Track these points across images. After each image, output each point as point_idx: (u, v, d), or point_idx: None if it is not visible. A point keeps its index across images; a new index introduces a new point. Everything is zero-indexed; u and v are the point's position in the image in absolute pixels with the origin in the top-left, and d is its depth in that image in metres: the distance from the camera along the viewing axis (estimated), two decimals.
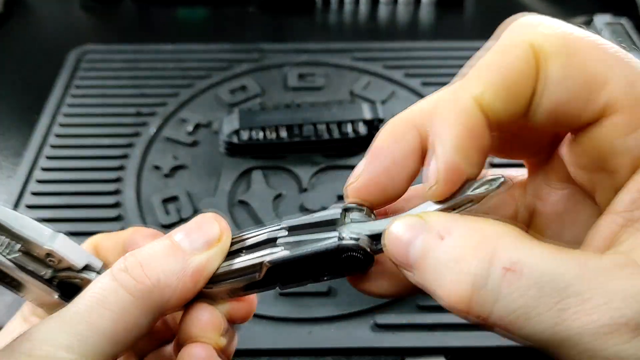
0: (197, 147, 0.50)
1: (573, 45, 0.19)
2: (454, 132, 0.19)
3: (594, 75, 0.18)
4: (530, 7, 0.69)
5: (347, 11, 0.69)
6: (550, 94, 0.19)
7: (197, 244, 0.23)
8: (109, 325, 0.21)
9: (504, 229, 0.18)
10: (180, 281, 0.22)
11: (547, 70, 0.19)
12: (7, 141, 0.52)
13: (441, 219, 0.19)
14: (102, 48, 0.60)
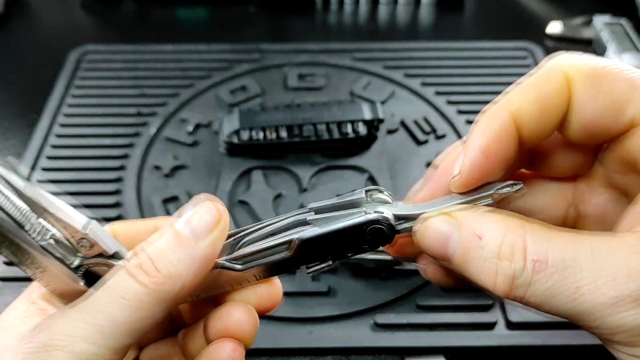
0: (198, 147, 0.51)
1: (600, 72, 0.22)
2: (484, 136, 0.23)
3: (619, 95, 0.22)
4: (531, 8, 0.69)
5: (347, 11, 0.69)
6: (582, 113, 0.22)
7: (199, 230, 0.24)
8: (126, 315, 0.22)
9: (528, 224, 0.21)
10: (189, 270, 0.23)
11: (578, 93, 0.22)
12: (8, 141, 0.52)
13: (472, 218, 0.22)
14: (103, 48, 0.60)
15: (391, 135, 0.52)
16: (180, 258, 0.23)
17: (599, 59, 0.23)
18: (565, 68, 0.23)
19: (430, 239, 0.23)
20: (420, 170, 0.49)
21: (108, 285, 0.23)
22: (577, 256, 0.20)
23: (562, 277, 0.20)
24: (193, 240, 0.23)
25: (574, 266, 0.20)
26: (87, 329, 0.22)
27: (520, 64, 0.59)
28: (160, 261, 0.23)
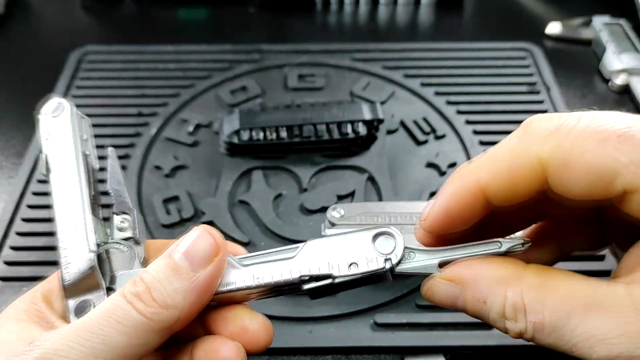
0: (198, 147, 0.51)
1: (577, 152, 0.21)
2: (449, 199, 0.24)
3: (603, 170, 0.21)
4: (530, 8, 0.69)
5: (347, 12, 0.69)
6: (562, 194, 0.22)
7: (197, 261, 0.24)
8: (120, 341, 0.22)
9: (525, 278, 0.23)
10: (186, 300, 0.24)
11: (555, 181, 0.22)
12: (9, 141, 0.53)
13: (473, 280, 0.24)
14: (103, 49, 0.61)
15: (391, 135, 0.52)
16: (177, 289, 0.23)
17: (574, 123, 0.22)
18: (539, 152, 0.22)
19: (438, 298, 0.25)
20: (420, 170, 0.49)
21: (106, 309, 0.23)
22: (571, 314, 0.21)
23: (558, 336, 0.21)
24: (191, 271, 0.24)
25: (569, 324, 0.21)
26: (81, 350, 0.22)
27: (519, 65, 0.59)
28: (157, 291, 0.23)
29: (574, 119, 0.22)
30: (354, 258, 0.25)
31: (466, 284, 0.24)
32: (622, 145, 0.21)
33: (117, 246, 0.27)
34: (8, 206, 0.45)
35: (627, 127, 0.21)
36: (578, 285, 0.22)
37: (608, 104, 0.56)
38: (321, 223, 0.41)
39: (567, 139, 0.21)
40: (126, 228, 0.27)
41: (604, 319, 0.20)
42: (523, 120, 0.58)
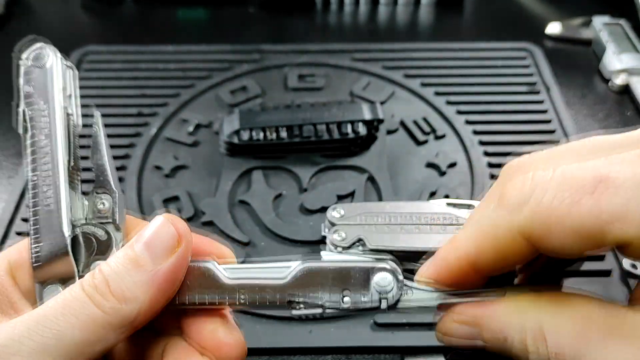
0: (198, 147, 0.51)
1: (555, 218, 0.20)
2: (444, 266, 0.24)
3: (589, 231, 0.20)
4: (530, 8, 0.70)
5: (347, 12, 0.69)
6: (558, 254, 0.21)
7: (158, 253, 0.23)
8: (76, 336, 0.21)
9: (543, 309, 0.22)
10: (147, 294, 0.22)
11: (543, 244, 0.21)
12: (9, 141, 0.53)
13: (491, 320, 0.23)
14: (103, 49, 0.61)
15: (391, 135, 0.52)
16: (136, 281, 0.22)
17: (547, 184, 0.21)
18: (519, 225, 0.21)
19: (457, 342, 0.24)
20: (420, 170, 0.49)
21: (62, 301, 0.22)
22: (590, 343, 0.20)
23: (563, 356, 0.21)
24: (151, 262, 0.23)
25: (588, 355, 0.20)
26: (31, 346, 0.21)
27: (519, 65, 0.59)
28: (115, 284, 0.22)
29: (546, 178, 0.21)
30: (347, 291, 0.24)
31: (482, 325, 0.23)
32: (601, 198, 0.20)
33: (95, 230, 0.24)
34: (8, 206, 0.45)
35: (602, 174, 0.20)
36: (595, 311, 0.21)
37: (608, 104, 0.56)
38: (321, 223, 0.41)
39: (543, 205, 0.20)
40: (106, 210, 0.25)
41: (625, 348, 0.20)
42: (523, 121, 0.58)
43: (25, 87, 0.24)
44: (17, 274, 0.25)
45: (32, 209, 0.23)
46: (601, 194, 0.19)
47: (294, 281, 0.24)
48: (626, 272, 0.40)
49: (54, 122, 0.24)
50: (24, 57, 0.25)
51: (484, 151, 0.49)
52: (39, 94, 0.24)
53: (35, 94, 0.24)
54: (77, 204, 0.24)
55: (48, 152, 0.24)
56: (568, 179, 0.20)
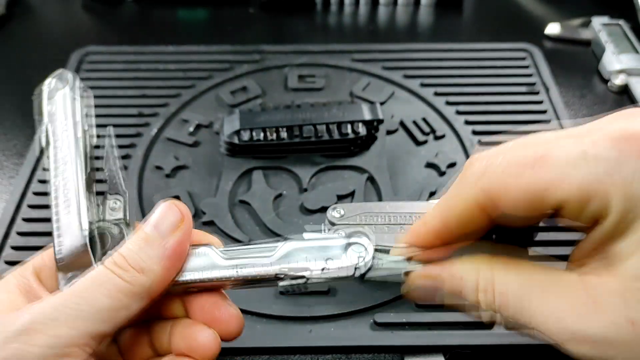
0: (199, 147, 0.51)
1: (503, 188, 0.24)
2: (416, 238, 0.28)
3: (531, 196, 0.23)
4: (530, 9, 0.70)
5: (347, 13, 0.69)
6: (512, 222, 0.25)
7: (165, 229, 0.27)
8: (105, 303, 0.25)
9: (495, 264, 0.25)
10: (159, 265, 0.26)
11: (497, 213, 0.25)
12: (9, 141, 0.53)
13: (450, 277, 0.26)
14: (104, 49, 0.61)
15: (391, 135, 0.52)
16: (150, 255, 0.26)
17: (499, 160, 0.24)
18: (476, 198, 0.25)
19: (420, 293, 0.28)
20: (420, 170, 0.49)
21: (90, 277, 0.26)
22: (531, 294, 0.24)
23: (521, 314, 0.24)
24: (160, 238, 0.27)
25: (529, 304, 0.24)
26: (68, 314, 0.24)
27: (519, 65, 0.59)
28: (132, 259, 0.26)
29: (499, 156, 0.25)
30: (327, 263, 0.28)
31: (444, 278, 0.26)
32: (540, 171, 0.23)
33: (109, 226, 0.28)
34: (9, 206, 0.45)
35: (544, 149, 0.24)
36: (537, 271, 0.25)
37: (607, 104, 0.56)
38: (321, 223, 0.41)
39: (494, 178, 0.24)
40: (118, 209, 0.29)
41: (560, 300, 0.23)
42: (522, 121, 0.58)
43: (49, 107, 0.28)
44: (41, 275, 0.28)
45: (54, 210, 0.27)
46: (540, 168, 0.23)
47: (281, 257, 0.28)
48: None
49: (73, 136, 0.28)
50: (47, 82, 0.30)
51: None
52: (60, 112, 0.28)
53: (57, 113, 0.28)
54: (93, 205, 0.28)
55: (68, 161, 0.28)
56: (515, 157, 0.24)
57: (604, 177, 0.22)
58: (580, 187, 0.23)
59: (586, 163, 0.23)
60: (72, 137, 0.28)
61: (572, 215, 0.23)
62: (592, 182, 0.22)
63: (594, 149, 0.23)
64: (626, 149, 0.22)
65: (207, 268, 0.28)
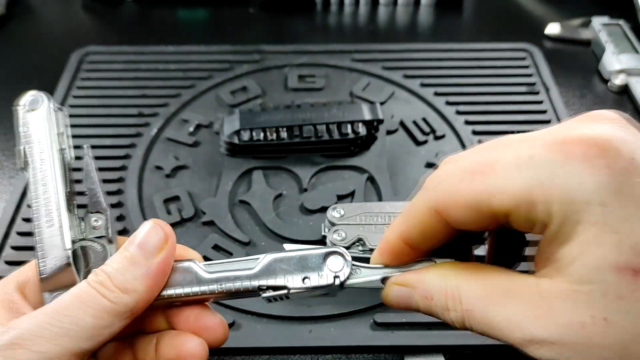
0: (199, 147, 0.51)
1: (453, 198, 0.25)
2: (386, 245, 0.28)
3: (477, 206, 0.24)
4: (530, 9, 0.70)
5: (347, 13, 0.69)
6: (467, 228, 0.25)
7: (149, 250, 0.27)
8: (89, 322, 0.25)
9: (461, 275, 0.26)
10: (143, 285, 0.27)
11: (452, 221, 0.25)
12: (9, 141, 0.53)
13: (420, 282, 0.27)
14: (104, 49, 0.61)
15: (390, 135, 0.52)
16: (134, 275, 0.27)
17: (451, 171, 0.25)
18: (433, 206, 0.25)
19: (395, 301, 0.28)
20: (420, 170, 0.49)
21: (74, 294, 0.26)
22: (493, 302, 0.24)
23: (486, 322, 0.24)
24: (145, 259, 0.27)
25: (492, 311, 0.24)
26: (52, 331, 0.25)
27: (519, 65, 0.59)
28: (117, 279, 0.26)
29: (455, 163, 0.26)
30: (307, 273, 0.28)
31: (415, 286, 0.27)
32: (488, 177, 0.24)
33: (91, 244, 0.29)
34: (9, 206, 0.45)
35: (495, 155, 0.24)
36: (500, 277, 0.25)
37: (607, 104, 0.56)
38: (321, 223, 0.41)
39: (448, 185, 0.25)
40: (100, 227, 0.29)
41: (518, 306, 0.23)
42: (522, 121, 0.59)
43: (23, 129, 0.28)
44: (25, 290, 0.29)
45: (37, 230, 0.27)
46: (488, 174, 0.24)
47: (262, 269, 0.28)
48: None
49: (50, 156, 0.28)
50: (20, 104, 0.29)
51: None
52: (35, 134, 0.28)
53: (32, 134, 0.28)
54: (74, 223, 0.29)
55: (48, 182, 0.28)
56: (467, 164, 0.25)
57: (546, 182, 0.22)
58: (524, 194, 0.23)
59: (531, 168, 0.23)
60: (49, 157, 0.28)
61: (520, 222, 0.23)
62: (534, 187, 0.22)
63: (540, 153, 0.23)
64: (568, 153, 0.22)
65: (191, 283, 0.28)
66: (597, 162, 0.22)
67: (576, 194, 0.22)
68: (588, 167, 0.22)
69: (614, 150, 0.22)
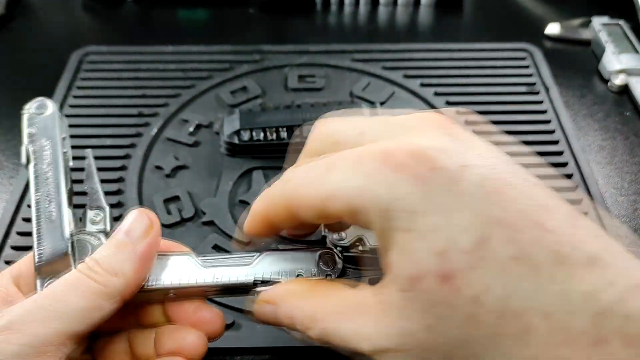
0: (199, 147, 0.51)
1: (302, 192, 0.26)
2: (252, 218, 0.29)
3: (318, 203, 0.25)
4: (530, 9, 0.70)
5: (347, 13, 0.69)
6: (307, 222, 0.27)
7: (135, 235, 0.29)
8: (80, 304, 0.26)
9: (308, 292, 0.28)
10: (130, 268, 0.28)
11: (295, 212, 0.26)
12: (9, 141, 0.53)
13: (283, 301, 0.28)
14: (104, 49, 0.61)
15: None
16: (122, 259, 0.28)
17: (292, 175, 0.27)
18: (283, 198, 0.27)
19: (263, 319, 0.29)
20: None
21: (65, 280, 0.27)
22: (343, 317, 0.25)
23: (341, 338, 0.25)
24: (131, 244, 0.28)
25: (343, 327, 0.25)
26: (44, 314, 0.25)
27: (518, 65, 0.59)
28: (105, 263, 0.27)
29: (305, 167, 0.26)
30: (301, 270, 0.29)
31: (279, 304, 0.27)
32: (325, 179, 0.25)
33: (89, 237, 0.30)
34: (9, 206, 0.45)
35: (336, 158, 0.25)
36: (348, 293, 0.26)
37: (607, 104, 0.56)
38: None
39: (296, 182, 0.26)
40: (99, 222, 0.31)
41: (364, 318, 0.24)
42: (522, 121, 0.59)
43: (29, 129, 0.31)
44: (20, 283, 0.29)
45: (36, 220, 0.29)
46: (326, 178, 0.25)
47: (257, 265, 0.30)
48: None
49: (54, 155, 0.31)
50: (27, 107, 0.32)
51: None
52: (41, 134, 0.31)
53: (38, 134, 0.31)
54: (73, 218, 0.30)
55: (50, 177, 0.30)
56: (312, 166, 0.26)
57: (365, 191, 0.23)
58: (348, 202, 0.24)
59: (356, 177, 0.24)
60: (52, 156, 0.31)
61: (360, 225, 0.25)
62: (356, 196, 0.23)
63: (365, 162, 0.24)
64: (386, 163, 0.23)
65: (186, 275, 0.29)
66: (409, 171, 0.22)
67: (390, 203, 0.22)
68: (401, 177, 0.22)
69: (428, 161, 0.22)
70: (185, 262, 0.30)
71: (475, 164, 0.23)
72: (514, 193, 0.22)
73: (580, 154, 0.50)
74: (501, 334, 0.21)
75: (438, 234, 0.22)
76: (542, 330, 0.20)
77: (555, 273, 0.20)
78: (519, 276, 0.21)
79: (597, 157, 0.51)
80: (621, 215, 0.46)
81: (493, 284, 0.21)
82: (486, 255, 0.21)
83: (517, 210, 0.22)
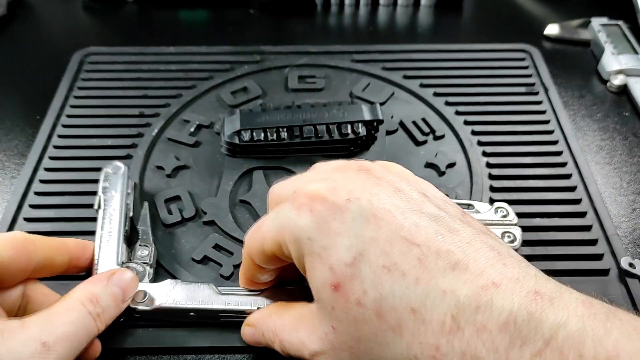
0: (199, 147, 0.51)
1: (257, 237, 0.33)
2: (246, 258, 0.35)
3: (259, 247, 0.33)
4: (529, 10, 0.70)
5: (347, 14, 0.70)
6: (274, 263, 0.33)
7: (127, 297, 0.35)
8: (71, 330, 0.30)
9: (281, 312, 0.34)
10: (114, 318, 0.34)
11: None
12: (11, 142, 0.53)
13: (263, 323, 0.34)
14: (105, 50, 0.61)
15: (390, 136, 0.52)
16: (115, 315, 0.34)
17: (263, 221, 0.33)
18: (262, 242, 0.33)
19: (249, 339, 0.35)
20: (419, 170, 0.49)
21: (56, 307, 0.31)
22: (294, 330, 0.31)
23: (295, 349, 0.31)
24: (123, 304, 0.35)
25: (295, 338, 0.31)
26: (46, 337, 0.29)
27: (518, 66, 0.59)
28: (106, 314, 0.33)
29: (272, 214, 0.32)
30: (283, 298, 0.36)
31: (255, 326, 0.34)
32: (259, 230, 0.32)
33: (135, 265, 0.38)
34: (11, 206, 0.46)
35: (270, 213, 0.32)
36: (298, 309, 0.32)
37: (606, 105, 0.56)
38: None
39: (246, 240, 0.34)
40: (145, 256, 0.39)
41: (304, 329, 0.30)
42: (521, 121, 0.59)
43: (104, 184, 0.42)
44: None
45: (98, 250, 0.38)
46: (262, 227, 0.32)
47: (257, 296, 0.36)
48: (624, 271, 0.40)
49: (119, 204, 0.41)
50: (105, 168, 0.43)
51: (482, 151, 0.50)
52: (112, 188, 0.42)
53: (109, 188, 0.42)
54: (125, 251, 0.39)
55: (114, 219, 0.40)
56: (256, 224, 0.33)
57: (281, 227, 0.30)
58: (273, 239, 0.30)
59: (278, 217, 0.30)
60: (118, 205, 0.41)
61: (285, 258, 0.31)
62: (277, 233, 0.30)
63: (282, 207, 0.31)
64: (294, 202, 0.29)
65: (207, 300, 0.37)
66: (306, 208, 0.29)
67: (297, 234, 0.29)
68: (301, 213, 0.29)
69: (319, 198, 0.28)
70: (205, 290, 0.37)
71: (357, 197, 0.28)
72: (389, 217, 0.27)
73: (579, 154, 0.50)
74: (382, 329, 0.26)
75: (328, 253, 0.28)
76: (410, 323, 0.25)
77: (420, 276, 0.25)
78: (390, 281, 0.26)
79: (596, 157, 0.51)
80: (620, 215, 0.46)
81: (369, 289, 0.26)
82: (362, 266, 0.27)
83: (388, 230, 0.27)
